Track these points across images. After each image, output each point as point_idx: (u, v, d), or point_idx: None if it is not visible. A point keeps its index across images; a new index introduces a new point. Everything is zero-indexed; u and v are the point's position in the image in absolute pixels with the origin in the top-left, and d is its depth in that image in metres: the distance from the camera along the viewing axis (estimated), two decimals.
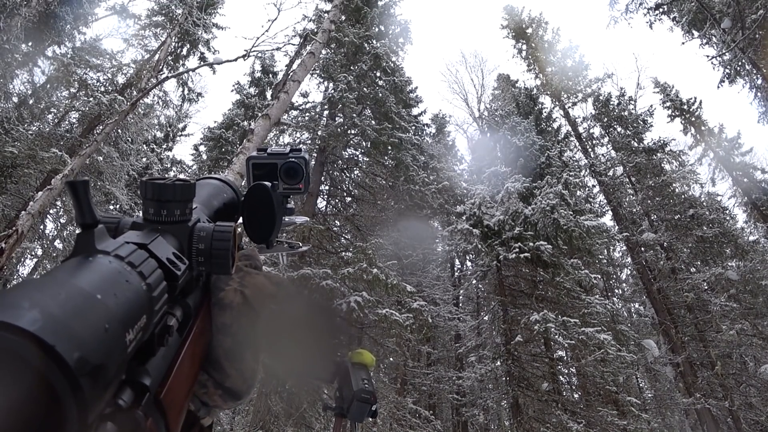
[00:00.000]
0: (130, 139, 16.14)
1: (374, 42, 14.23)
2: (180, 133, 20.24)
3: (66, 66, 14.02)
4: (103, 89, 14.93)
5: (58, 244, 16.39)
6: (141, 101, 15.12)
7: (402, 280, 11.35)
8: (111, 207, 17.83)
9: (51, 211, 15.06)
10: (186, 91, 17.81)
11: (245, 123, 16.43)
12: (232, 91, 17.49)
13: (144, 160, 18.47)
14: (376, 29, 14.91)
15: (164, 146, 19.54)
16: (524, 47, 22.54)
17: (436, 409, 14.76)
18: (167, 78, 16.09)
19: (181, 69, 16.63)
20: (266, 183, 1.17)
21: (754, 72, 15.42)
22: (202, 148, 17.96)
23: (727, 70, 15.39)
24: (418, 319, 11.42)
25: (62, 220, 15.84)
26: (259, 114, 8.12)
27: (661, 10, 15.73)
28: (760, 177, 18.27)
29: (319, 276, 10.22)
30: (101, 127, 12.97)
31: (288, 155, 1.29)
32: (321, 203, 13.02)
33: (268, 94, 16.78)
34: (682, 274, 16.39)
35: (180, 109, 18.89)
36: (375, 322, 10.56)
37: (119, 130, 15.06)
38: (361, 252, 10.95)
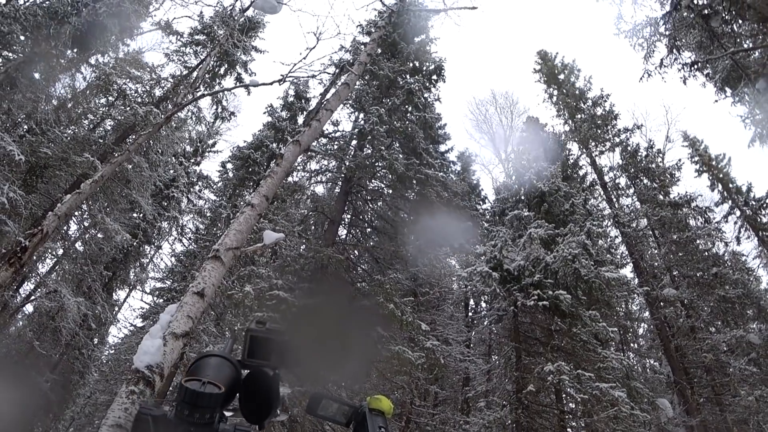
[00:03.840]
0: (160, 150, 16.46)
1: (408, 77, 14.45)
2: (209, 149, 20.67)
3: (107, 75, 14.46)
4: (140, 100, 15.34)
5: (79, 246, 16.68)
6: (175, 115, 15.47)
7: (417, 317, 11.28)
8: (135, 215, 18.17)
9: (76, 213, 15.35)
10: (219, 109, 18.22)
11: (274, 145, 16.71)
12: (264, 113, 17.86)
13: (171, 172, 18.83)
14: (411, 65, 15.15)
15: (192, 160, 19.94)
16: (555, 92, 22.75)
17: None
18: (203, 95, 16.49)
19: (217, 88, 17.04)
20: (269, 371, 1.27)
21: None
22: (229, 166, 18.29)
23: (758, 130, 15.26)
24: (429, 358, 11.31)
25: (86, 224, 16.13)
26: (290, 139, 8.22)
27: (696, 66, 15.75)
28: None
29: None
30: (134, 137, 13.29)
31: (284, 333, 1.40)
32: (342, 232, 13.10)
33: (300, 118, 17.09)
34: (702, 334, 16.03)
35: (212, 126, 19.32)
36: (387, 359, 10.47)
37: (151, 141, 15.41)
38: (378, 286, 10.96)
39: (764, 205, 18.42)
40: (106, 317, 15.71)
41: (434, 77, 14.77)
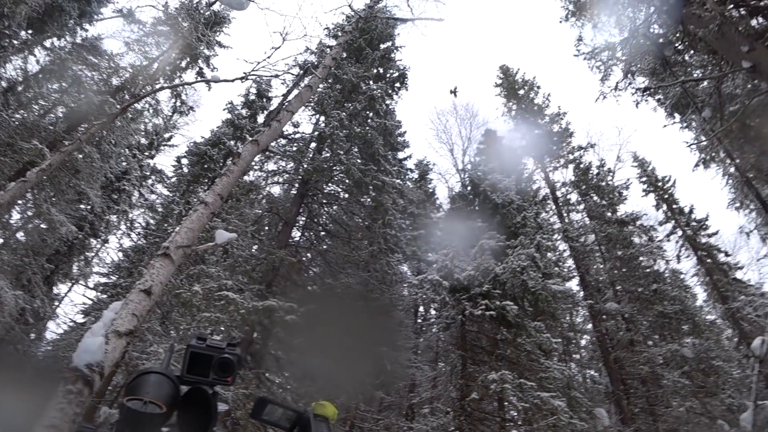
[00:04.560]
0: (113, 141, 15.94)
1: (371, 83, 14.56)
2: (165, 142, 20.13)
3: (62, 60, 13.93)
4: (96, 88, 14.83)
5: (20, 236, 15.96)
6: (132, 106, 15.07)
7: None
8: (82, 206, 17.50)
9: (19, 202, 14.71)
10: (178, 103, 17.80)
11: (232, 143, 16.48)
12: (224, 109, 17.61)
13: (124, 164, 18.25)
14: (375, 71, 15.27)
15: (147, 153, 19.37)
16: (514, 107, 23.44)
17: None
18: (163, 88, 16.11)
19: (177, 81, 16.66)
20: (209, 389, 1.29)
21: (728, 161, 16.13)
22: (184, 161, 17.90)
23: (703, 156, 16.04)
24: (377, 364, 11.37)
25: (29, 213, 15.46)
26: (249, 138, 8.15)
27: (648, 92, 16.45)
28: (723, 259, 18.94)
29: (284, 309, 10.16)
30: (87, 126, 12.85)
31: (224, 350, 1.42)
32: (296, 234, 13.03)
33: (260, 117, 16.92)
34: (640, 347, 16.72)
35: (169, 120, 18.83)
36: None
37: (104, 132, 14.92)
38: (329, 289, 10.97)
39: (704, 227, 19.46)
40: (45, 312, 15.04)
41: (397, 85, 14.93)
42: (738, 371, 15.86)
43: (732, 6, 8.98)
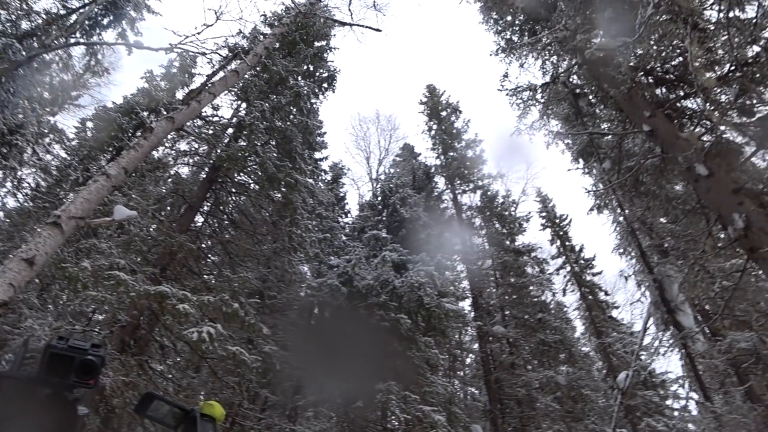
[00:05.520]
0: (12, 90, 14.54)
1: (299, 79, 14.37)
2: (71, 101, 18.56)
3: None
4: (1, 28, 13.47)
5: None
6: (40, 56, 13.90)
7: (260, 320, 11.10)
8: None
9: None
10: (93, 62, 16.49)
11: (145, 114, 15.57)
12: (142, 78, 16.60)
13: (20, 116, 16.66)
14: (306, 67, 15.11)
15: (48, 109, 17.76)
16: (435, 127, 24.15)
17: None
18: (78, 43, 14.91)
19: (96, 39, 15.47)
20: (68, 394, 1.21)
21: (618, 210, 17.55)
22: (89, 125, 16.61)
23: (598, 202, 17.32)
24: (266, 363, 11.17)
25: None
26: (165, 113, 7.75)
27: (559, 136, 17.55)
28: (602, 297, 20.65)
29: (177, 297, 9.69)
30: None
31: (87, 351, 1.33)
32: (199, 219, 12.53)
33: (179, 93, 16.12)
34: (520, 370, 17.77)
35: (79, 78, 17.43)
36: (222, 358, 10.13)
37: (3, 78, 13.59)
38: (226, 281, 10.63)
39: (590, 266, 21.11)
40: None
41: (325, 85, 14.87)
42: (603, 400, 17.29)
43: (642, 73, 9.83)
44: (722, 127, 8.13)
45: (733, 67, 7.54)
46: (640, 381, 15.58)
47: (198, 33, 10.66)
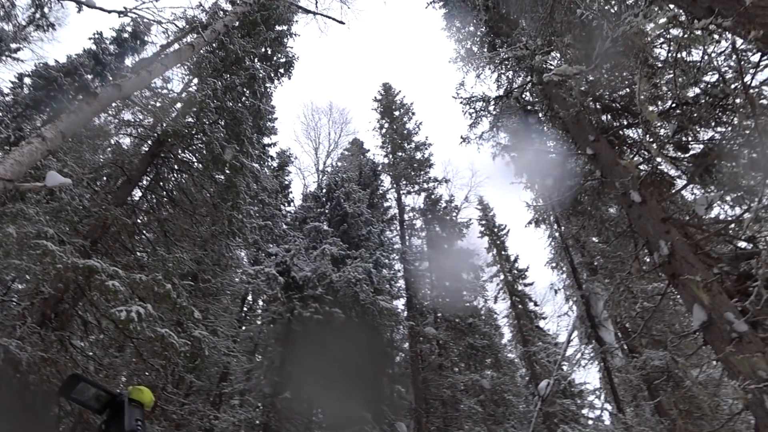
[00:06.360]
0: None
1: (256, 61, 14.08)
2: (10, 53, 17.31)
3: None
4: None
5: None
6: None
7: (192, 303, 10.81)
8: None
9: None
10: (38, 15, 15.48)
11: (89, 77, 14.80)
12: (90, 39, 15.73)
13: None
14: (264, 50, 14.82)
15: None
16: (386, 125, 24.34)
17: None
18: None
19: None
20: None
21: (555, 226, 18.30)
22: (27, 81, 15.55)
23: (536, 216, 17.98)
24: (194, 347, 10.88)
25: None
26: (111, 79, 7.38)
27: (506, 148, 18.07)
28: (531, 307, 21.53)
29: (107, 273, 9.26)
30: None
31: None
32: (137, 194, 12.03)
33: (128, 60, 15.42)
34: (447, 372, 18.22)
35: (21, 30, 16.29)
36: (150, 339, 9.76)
37: None
38: (160, 261, 10.26)
39: (523, 276, 21.95)
40: None
41: (282, 70, 14.64)
42: (524, 406, 18.04)
43: (591, 99, 10.29)
44: (658, 159, 8.67)
45: (674, 104, 8.05)
46: (560, 390, 16.30)
47: (156, 0, 10.25)
